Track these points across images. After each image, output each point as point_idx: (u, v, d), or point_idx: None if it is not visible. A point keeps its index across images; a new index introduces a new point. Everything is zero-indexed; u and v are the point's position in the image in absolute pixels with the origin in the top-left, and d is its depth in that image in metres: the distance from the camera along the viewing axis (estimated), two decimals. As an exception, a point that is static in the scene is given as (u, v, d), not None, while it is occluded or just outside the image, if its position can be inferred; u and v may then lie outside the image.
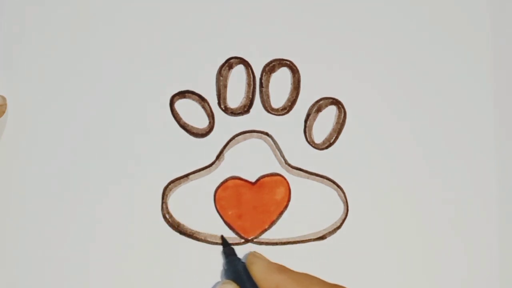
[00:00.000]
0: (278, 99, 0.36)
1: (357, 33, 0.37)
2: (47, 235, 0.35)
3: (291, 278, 0.30)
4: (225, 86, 0.36)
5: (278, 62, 0.36)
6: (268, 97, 0.36)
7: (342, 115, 0.36)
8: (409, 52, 0.37)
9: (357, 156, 0.36)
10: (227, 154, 0.36)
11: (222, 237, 0.35)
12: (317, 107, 0.36)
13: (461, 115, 0.36)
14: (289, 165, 0.35)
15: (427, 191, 0.36)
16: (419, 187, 0.36)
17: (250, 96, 0.36)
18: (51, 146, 0.36)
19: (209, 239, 0.35)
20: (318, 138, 0.36)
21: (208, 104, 0.36)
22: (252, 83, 0.36)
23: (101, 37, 0.37)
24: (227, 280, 0.33)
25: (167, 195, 0.35)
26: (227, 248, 0.34)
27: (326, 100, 0.36)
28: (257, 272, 0.31)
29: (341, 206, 0.36)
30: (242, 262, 0.33)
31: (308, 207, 0.35)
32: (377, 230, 0.35)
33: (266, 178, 0.35)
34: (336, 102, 0.36)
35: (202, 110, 0.36)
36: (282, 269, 0.31)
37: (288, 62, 0.36)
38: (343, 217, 0.35)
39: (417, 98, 0.36)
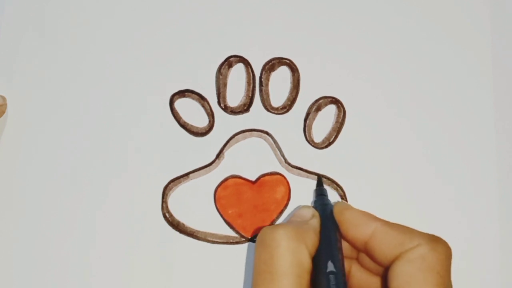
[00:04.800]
0: (277, 98, 0.36)
1: (357, 32, 0.37)
2: (47, 234, 0.35)
3: (389, 226, 0.29)
4: (225, 85, 0.36)
5: (278, 61, 0.36)
6: (268, 96, 0.36)
7: (342, 114, 0.36)
8: (409, 52, 0.37)
9: (356, 155, 0.36)
10: (227, 153, 0.36)
11: (319, 177, 0.35)
12: (317, 106, 0.36)
13: (461, 114, 0.36)
14: (289, 164, 0.36)
15: (428, 190, 0.36)
16: (419, 186, 0.36)
17: (250, 95, 0.36)
18: (51, 145, 0.36)
19: (209, 238, 0.35)
20: (318, 137, 0.36)
21: (208, 103, 0.36)
22: (251, 81, 0.36)
23: (101, 36, 0.37)
24: (306, 205, 0.33)
25: (167, 194, 0.35)
26: (319, 189, 0.34)
27: (326, 99, 0.36)
28: (353, 218, 0.30)
29: (341, 205, 0.36)
30: (331, 205, 0.32)
31: (308, 206, 0.36)
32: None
33: (266, 177, 0.35)
34: (335, 101, 0.36)
35: (202, 109, 0.36)
36: (377, 218, 0.30)
37: (288, 61, 0.36)
38: (343, 216, 0.35)
39: (417, 97, 0.37)
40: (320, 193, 0.34)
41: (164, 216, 0.35)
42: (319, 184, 0.35)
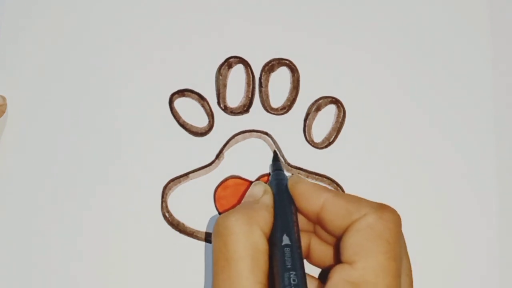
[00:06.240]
0: (277, 98, 0.36)
1: (357, 32, 0.37)
2: (46, 234, 0.35)
3: (338, 196, 0.29)
4: (225, 85, 0.36)
5: (278, 61, 0.36)
6: (268, 96, 0.36)
7: (342, 114, 0.36)
8: (409, 52, 0.37)
9: (356, 155, 0.36)
10: (226, 153, 0.36)
11: (275, 152, 0.35)
12: (317, 106, 0.36)
13: (461, 114, 0.36)
14: (288, 164, 0.35)
15: (428, 191, 0.36)
16: (419, 187, 0.36)
17: (250, 96, 0.36)
18: (51, 145, 0.36)
19: (209, 238, 0.35)
20: (318, 137, 0.36)
21: (208, 103, 0.36)
22: (251, 82, 0.36)
23: (101, 36, 0.37)
24: (258, 181, 0.33)
25: (166, 193, 0.35)
26: (274, 164, 0.34)
27: (326, 99, 0.36)
28: (304, 190, 0.30)
29: (341, 206, 0.35)
30: (287, 179, 0.32)
31: (308, 206, 0.35)
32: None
33: (266, 178, 0.35)
34: (335, 101, 0.36)
35: (201, 109, 0.36)
36: (328, 189, 0.30)
37: (288, 62, 0.36)
38: (343, 216, 0.35)
39: (416, 97, 0.37)
40: (275, 168, 0.34)
41: (164, 216, 0.35)
42: (275, 159, 0.35)
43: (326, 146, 0.36)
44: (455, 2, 0.38)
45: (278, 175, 0.33)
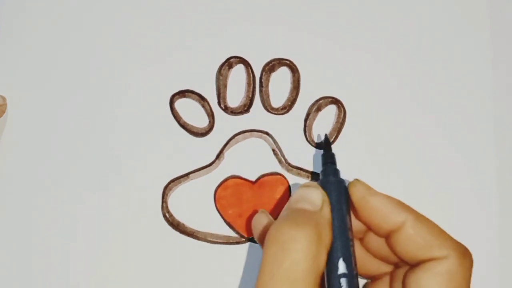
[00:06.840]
0: (278, 98, 0.36)
1: (357, 32, 0.37)
2: (45, 234, 0.35)
3: (420, 222, 0.27)
4: (225, 86, 0.36)
5: (278, 61, 0.36)
6: (268, 96, 0.36)
7: (342, 114, 0.36)
8: (409, 52, 0.37)
9: (357, 155, 0.36)
10: (227, 153, 0.36)
11: (326, 136, 0.32)
12: (317, 106, 0.36)
13: (461, 114, 0.36)
14: (289, 164, 0.35)
15: (428, 191, 0.36)
16: (419, 187, 0.36)
17: (250, 96, 0.36)
18: (51, 145, 0.36)
19: (209, 239, 0.35)
20: (318, 137, 0.36)
21: (208, 104, 0.36)
22: (252, 82, 0.36)
23: (101, 36, 0.37)
24: (312, 183, 0.28)
25: (167, 194, 0.35)
26: (327, 154, 0.29)
27: (326, 99, 0.36)
28: (381, 206, 0.27)
29: (341, 206, 0.35)
30: (344, 182, 0.28)
31: (308, 206, 0.35)
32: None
33: (266, 177, 0.35)
34: (336, 101, 0.36)
35: (202, 109, 0.36)
36: (408, 207, 0.27)
37: (288, 62, 0.36)
38: (343, 216, 0.35)
39: (417, 97, 0.37)
40: (328, 159, 0.29)
41: (164, 216, 0.35)
42: (327, 148, 0.29)
43: (326, 146, 0.36)
44: (455, 2, 0.38)
45: (332, 173, 0.28)
